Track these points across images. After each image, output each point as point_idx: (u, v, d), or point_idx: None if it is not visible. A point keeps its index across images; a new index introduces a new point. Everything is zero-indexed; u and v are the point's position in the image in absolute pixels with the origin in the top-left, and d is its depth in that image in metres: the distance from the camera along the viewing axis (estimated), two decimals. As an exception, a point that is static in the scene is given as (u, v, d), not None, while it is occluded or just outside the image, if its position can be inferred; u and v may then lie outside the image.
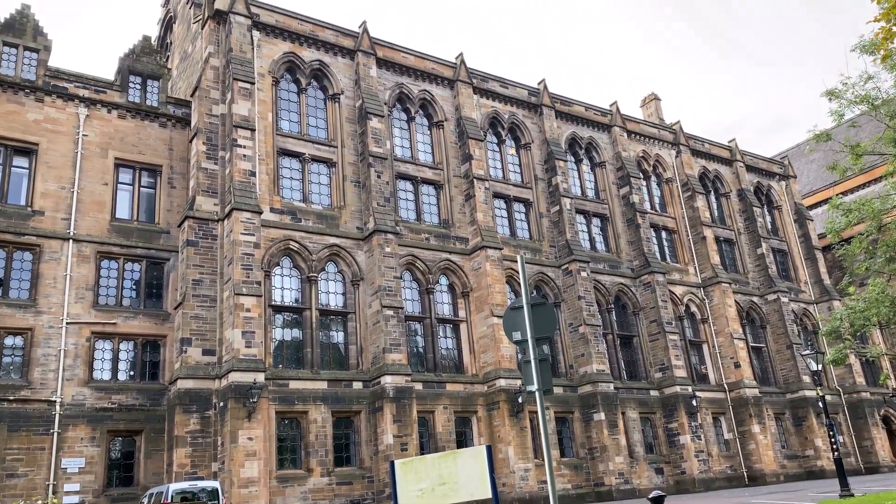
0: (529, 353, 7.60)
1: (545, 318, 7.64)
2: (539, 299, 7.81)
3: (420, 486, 9.01)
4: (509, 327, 7.84)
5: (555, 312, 7.83)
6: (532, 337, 7.53)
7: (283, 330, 26.71)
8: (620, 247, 38.04)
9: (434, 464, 9.02)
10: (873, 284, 17.67)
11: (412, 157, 32.37)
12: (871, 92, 18.94)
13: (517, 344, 7.91)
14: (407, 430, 25.76)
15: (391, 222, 28.86)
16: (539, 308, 7.65)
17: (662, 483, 33.39)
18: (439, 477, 8.88)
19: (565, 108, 38.61)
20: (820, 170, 62.17)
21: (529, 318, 7.53)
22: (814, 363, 17.74)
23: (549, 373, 7.69)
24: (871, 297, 17.08)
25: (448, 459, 8.91)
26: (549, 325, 7.70)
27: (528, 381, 7.70)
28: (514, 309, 7.82)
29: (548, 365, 7.71)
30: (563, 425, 32.00)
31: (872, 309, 16.87)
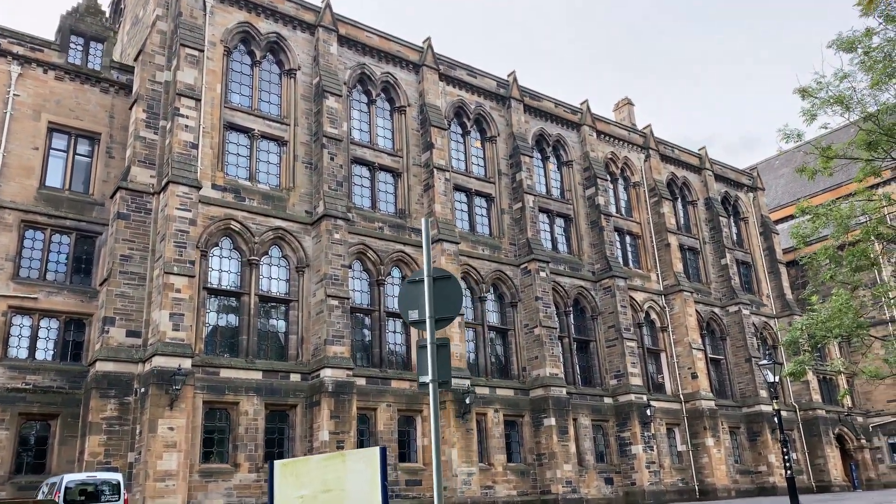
0: (426, 337, 6.22)
1: (449, 296, 6.29)
2: (443, 272, 6.45)
3: (301, 493, 7.58)
4: (406, 304, 6.47)
5: (460, 289, 6.44)
6: (431, 317, 6.17)
7: (217, 315, 25.03)
8: (583, 249, 36.98)
9: (320, 467, 7.61)
10: (837, 295, 16.69)
11: (371, 141, 30.88)
12: (845, 92, 18.00)
13: (413, 325, 6.52)
14: (345, 426, 24.28)
15: (342, 207, 27.35)
16: (442, 283, 6.31)
17: (612, 493, 32.35)
18: (324, 483, 7.46)
19: (534, 103, 37.42)
20: (788, 185, 62.07)
21: (430, 293, 6.17)
22: (770, 374, 16.71)
23: (448, 361, 6.34)
24: (835, 307, 16.08)
25: (336, 462, 7.50)
26: (453, 303, 6.36)
27: (422, 371, 6.35)
28: (412, 283, 6.45)
29: (447, 352, 6.35)
30: (512, 429, 30.77)
31: (835, 320, 15.87)
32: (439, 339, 6.28)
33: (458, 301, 6.51)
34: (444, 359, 6.23)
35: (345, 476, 7.32)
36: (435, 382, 6.21)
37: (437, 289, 6.28)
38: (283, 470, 7.79)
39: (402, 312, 6.54)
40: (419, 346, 6.43)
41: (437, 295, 6.25)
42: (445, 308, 6.32)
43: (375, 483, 7.13)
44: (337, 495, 7.30)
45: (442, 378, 6.21)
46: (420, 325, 6.35)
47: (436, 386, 6.24)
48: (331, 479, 7.40)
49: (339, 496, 7.29)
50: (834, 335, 15.72)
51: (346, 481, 7.30)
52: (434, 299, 6.22)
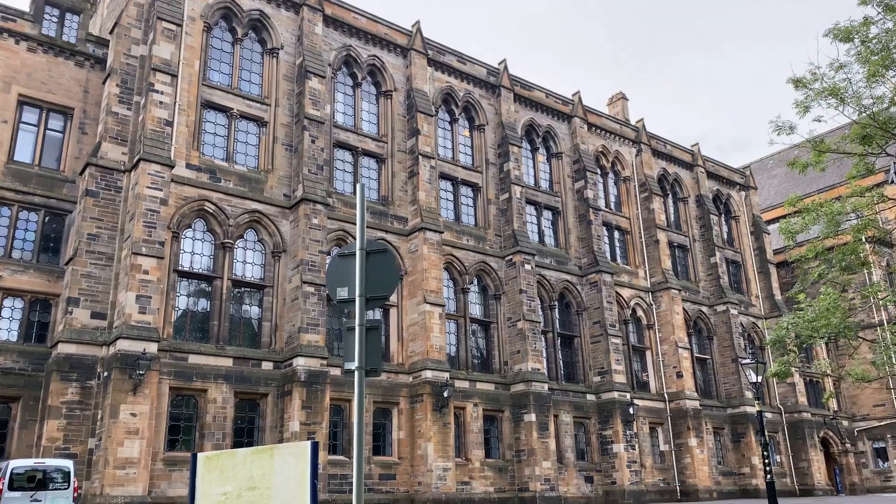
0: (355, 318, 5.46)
1: (383, 272, 5.53)
2: (378, 245, 5.68)
3: (224, 489, 6.84)
4: (334, 280, 5.69)
5: (396, 265, 5.65)
6: (361, 295, 5.41)
7: (188, 299, 24.22)
8: (570, 242, 36.28)
9: (246, 461, 6.86)
10: (825, 293, 16.02)
11: (354, 125, 30.04)
12: (840, 83, 17.30)
13: (342, 304, 5.75)
14: (317, 417, 23.54)
15: (322, 192, 26.54)
16: (377, 258, 5.54)
17: (591, 492, 31.76)
18: (249, 479, 6.72)
19: (525, 93, 36.63)
20: (781, 185, 61.56)
21: (362, 268, 5.41)
22: (753, 374, 16.06)
23: (379, 347, 5.59)
24: (822, 306, 15.41)
25: (264, 457, 6.76)
26: (388, 280, 5.60)
27: (349, 356, 5.59)
28: (343, 256, 5.67)
29: (378, 336, 5.59)
30: (492, 424, 30.10)
31: (822, 320, 15.20)
32: (370, 321, 5.52)
33: (392, 278, 5.73)
34: (373, 343, 5.47)
35: (272, 472, 6.59)
36: (362, 370, 5.44)
37: (370, 264, 5.52)
38: (207, 464, 7.04)
39: (331, 289, 5.78)
40: (347, 329, 5.66)
41: (370, 271, 5.48)
42: (379, 286, 5.55)
43: (305, 480, 6.41)
44: (262, 493, 6.57)
45: (371, 365, 5.45)
46: (349, 305, 5.60)
47: (362, 374, 5.48)
48: (257, 475, 6.67)
49: (263, 495, 6.56)
50: (821, 335, 15.07)
51: (274, 478, 6.57)
52: (366, 275, 5.46)
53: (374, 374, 5.57)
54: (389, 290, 5.67)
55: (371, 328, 5.51)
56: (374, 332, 5.55)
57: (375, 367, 5.52)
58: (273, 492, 6.52)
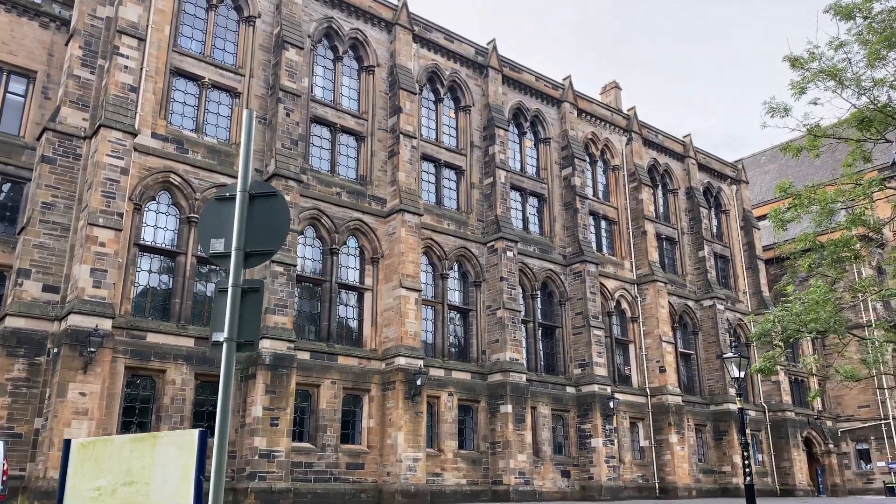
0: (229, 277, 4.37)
1: (271, 222, 4.40)
2: (266, 188, 4.57)
3: (98, 483, 5.76)
4: (208, 231, 4.54)
5: (287, 214, 4.57)
6: (239, 249, 4.32)
7: (150, 275, 23.05)
8: (555, 231, 35.26)
9: (125, 450, 5.77)
10: (815, 286, 15.06)
11: (334, 100, 28.83)
12: (838, 64, 16.26)
13: (215, 259, 4.62)
14: (281, 403, 22.49)
15: (296, 168, 25.37)
16: (264, 203, 4.44)
17: (567, 487, 30.89)
18: (128, 472, 5.64)
19: (514, 75, 35.48)
20: (773, 181, 60.64)
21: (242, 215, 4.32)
22: (736, 369, 15.14)
23: (259, 314, 4.49)
24: (812, 299, 14.44)
25: (145, 446, 5.67)
26: (276, 232, 4.49)
27: (217, 325, 4.48)
28: (221, 200, 4.55)
29: (258, 301, 4.48)
30: (467, 415, 29.13)
31: (811, 313, 14.24)
32: (250, 282, 4.42)
33: (281, 230, 4.61)
34: (252, 310, 4.35)
35: (153, 464, 5.52)
36: (232, 344, 4.35)
37: (255, 211, 4.42)
38: (81, 452, 5.97)
39: (203, 241, 4.63)
40: (218, 290, 4.56)
41: (252, 219, 4.37)
42: (263, 238, 4.42)
43: (189, 475, 5.32)
44: (139, 490, 5.50)
45: (246, 337, 4.35)
46: (224, 261, 4.50)
47: (232, 349, 4.38)
48: (136, 467, 5.59)
49: (141, 491, 5.48)
50: (809, 330, 14.14)
51: (154, 471, 5.50)
52: (248, 225, 4.36)
53: (248, 348, 4.49)
54: (276, 245, 4.55)
55: (250, 290, 4.41)
56: (254, 297, 4.42)
57: (252, 339, 4.41)
58: (152, 488, 5.45)
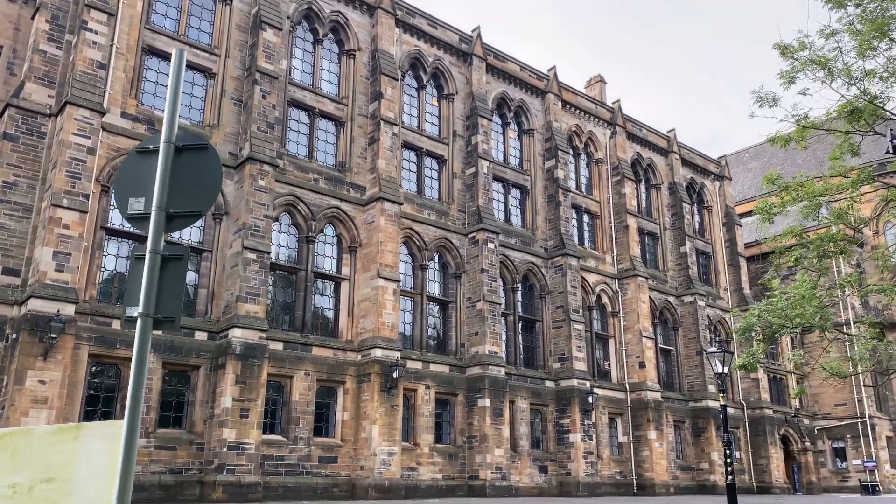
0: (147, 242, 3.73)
1: (200, 179, 3.76)
2: (196, 140, 3.91)
3: (14, 480, 5.06)
4: (126, 188, 3.83)
5: (219, 171, 3.92)
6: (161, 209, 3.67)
7: (117, 260, 22.24)
8: (537, 223, 34.78)
9: (45, 443, 5.09)
10: (801, 280, 14.67)
11: (313, 84, 28.07)
12: (828, 54, 15.86)
13: (133, 222, 3.93)
14: (252, 394, 21.80)
15: (272, 152, 24.62)
16: (191, 157, 3.78)
17: (544, 482, 30.51)
18: (47, 468, 4.96)
19: (498, 63, 34.89)
20: (756, 179, 60.67)
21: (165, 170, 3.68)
22: (719, 364, 14.77)
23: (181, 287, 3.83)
24: (797, 293, 14.04)
25: (67, 438, 5.00)
26: (205, 191, 3.83)
27: (131, 299, 3.84)
28: (143, 153, 3.88)
29: (181, 270, 3.80)
30: (444, 408, 28.62)
31: (797, 308, 13.84)
32: (173, 247, 3.76)
33: (212, 188, 3.96)
34: (173, 281, 3.71)
35: (75, 459, 4.86)
36: (148, 320, 3.71)
37: (180, 165, 3.77)
38: (-3, 445, 5.29)
39: (119, 201, 3.94)
40: (134, 257, 3.88)
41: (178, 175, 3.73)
42: (190, 197, 3.73)
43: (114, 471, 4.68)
44: (58, 489, 4.83)
45: (165, 313, 3.71)
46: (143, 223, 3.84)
47: (148, 326, 3.74)
48: (57, 462, 4.92)
49: (60, 490, 4.82)
50: (794, 325, 13.75)
51: (77, 466, 4.84)
52: (171, 181, 3.71)
53: (169, 325, 3.85)
54: (205, 206, 3.89)
55: (172, 258, 3.75)
56: (176, 266, 3.77)
57: (173, 316, 3.77)
58: (74, 486, 4.80)
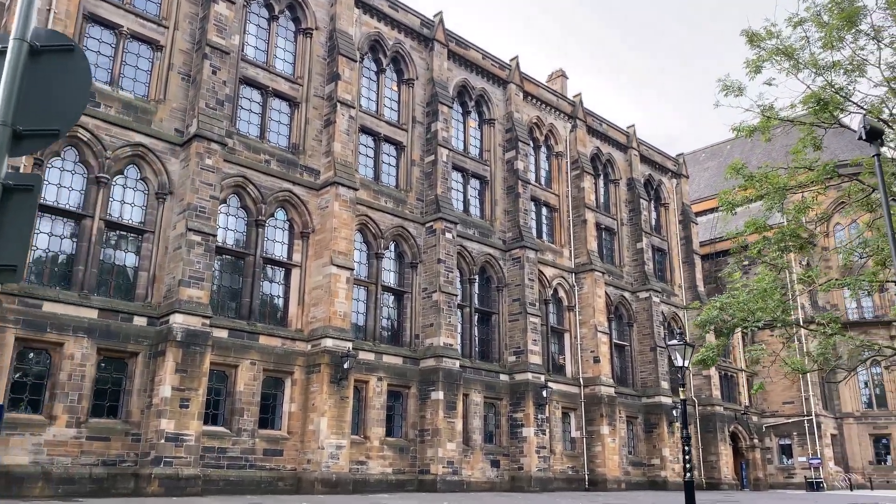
0: None
1: (60, 88, 2.91)
2: (60, 40, 3.08)
3: None
4: None
5: (88, 80, 3.09)
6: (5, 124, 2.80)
7: (50, 238, 20.84)
8: (496, 215, 34.26)
9: None
10: (763, 273, 14.37)
11: (267, 62, 26.95)
12: (795, 43, 15.60)
13: None
14: (193, 383, 20.71)
15: (220, 130, 23.47)
16: (52, 61, 2.93)
17: (496, 477, 30.05)
18: None
19: (460, 50, 34.20)
20: (712, 178, 61.39)
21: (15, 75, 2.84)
22: (679, 357, 14.41)
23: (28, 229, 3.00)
24: (759, 287, 13.72)
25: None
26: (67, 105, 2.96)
27: None
28: None
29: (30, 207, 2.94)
30: (396, 401, 27.89)
31: (758, 302, 13.52)
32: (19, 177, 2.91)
33: (77, 102, 3.12)
34: (18, 220, 2.82)
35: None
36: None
37: (35, 71, 2.94)
38: None
39: None
40: None
41: (31, 82, 2.91)
42: (45, 113, 2.86)
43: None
44: None
45: (6, 260, 2.87)
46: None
47: None
48: None
49: None
50: (756, 319, 13.42)
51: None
52: (22, 90, 2.88)
53: (8, 276, 2.99)
54: (66, 123, 3.08)
55: (17, 189, 2.90)
56: (23, 200, 2.91)
57: (15, 263, 2.91)
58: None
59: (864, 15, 15.08)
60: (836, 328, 13.53)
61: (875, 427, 47.59)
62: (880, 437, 47.55)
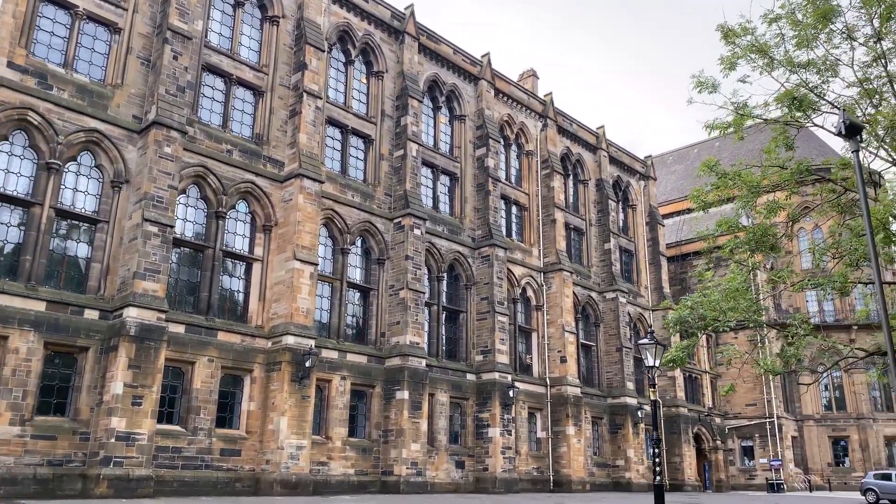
0: None
1: None
2: None
3: None
4: None
5: None
6: None
7: (-14, 224, 19.78)
8: (465, 212, 33.81)
9: None
10: (734, 272, 14.13)
11: (231, 49, 26.10)
12: (770, 41, 15.41)
13: None
14: (146, 380, 19.84)
15: (181, 118, 22.59)
16: None
17: (461, 478, 29.60)
18: None
19: (431, 45, 33.68)
20: (679, 181, 61.81)
21: None
22: (650, 357, 14.10)
23: None
24: (731, 286, 13.47)
25: None
26: None
27: None
28: None
29: None
30: (360, 400, 27.25)
31: (730, 301, 13.27)
32: None
33: None
34: None
35: None
36: None
37: None
38: None
39: None
40: None
41: None
42: None
43: None
44: None
45: None
46: None
47: None
48: None
49: None
50: (728, 318, 13.18)
51: None
52: None
53: None
54: None
55: None
56: None
57: None
58: None
59: (837, 13, 14.94)
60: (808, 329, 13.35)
61: (834, 429, 48.29)
62: (839, 439, 48.26)
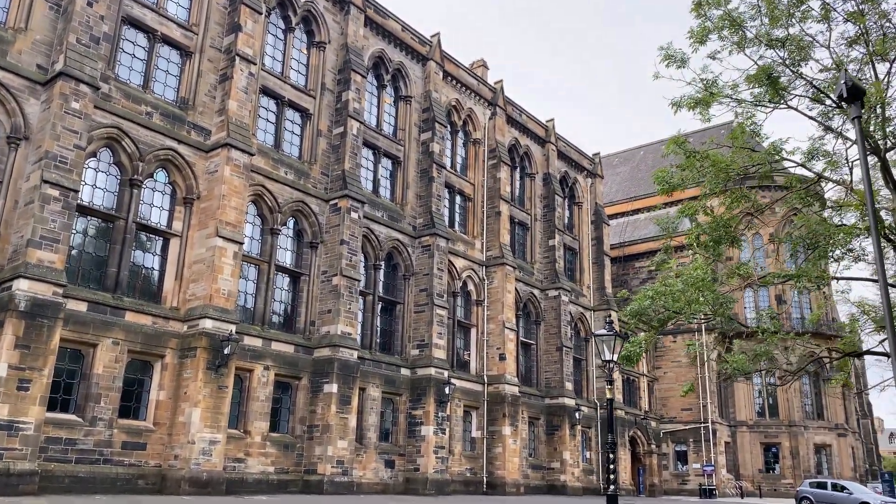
0: None
1: None
2: None
3: None
4: None
5: None
6: None
7: None
8: (407, 198, 32.09)
9: None
10: (696, 262, 12.90)
11: (157, 3, 23.68)
12: (745, 14, 14.25)
13: None
14: (37, 362, 17.43)
15: (93, 71, 20.15)
16: None
17: (390, 478, 27.88)
18: None
19: (378, 19, 31.82)
20: (624, 183, 61.55)
21: None
22: (608, 351, 12.79)
23: None
24: (695, 276, 12.22)
25: None
26: None
27: None
28: None
29: None
30: (285, 393, 25.22)
31: (694, 292, 12.01)
32: None
33: None
34: None
35: None
36: None
37: None
38: None
39: None
40: None
41: None
42: None
43: None
44: None
45: None
46: None
47: None
48: None
49: None
50: (693, 311, 11.95)
51: None
52: None
53: None
54: None
55: None
56: None
57: None
58: None
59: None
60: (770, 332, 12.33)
61: (766, 436, 48.60)
62: (770, 445, 48.60)
